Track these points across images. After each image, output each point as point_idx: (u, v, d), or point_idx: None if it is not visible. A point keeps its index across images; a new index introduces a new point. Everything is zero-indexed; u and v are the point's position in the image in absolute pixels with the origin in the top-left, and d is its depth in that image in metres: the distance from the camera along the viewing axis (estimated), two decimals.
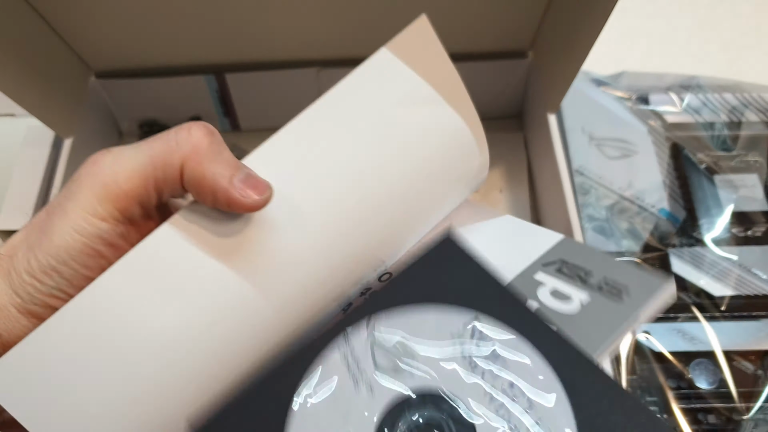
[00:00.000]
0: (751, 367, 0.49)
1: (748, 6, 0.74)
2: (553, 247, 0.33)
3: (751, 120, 0.61)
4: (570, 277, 0.31)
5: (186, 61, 0.57)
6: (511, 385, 0.27)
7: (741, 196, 0.57)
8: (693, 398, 0.48)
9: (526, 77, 0.59)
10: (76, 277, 0.27)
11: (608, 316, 0.30)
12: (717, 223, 0.56)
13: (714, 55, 0.70)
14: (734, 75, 0.67)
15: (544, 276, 0.32)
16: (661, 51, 0.70)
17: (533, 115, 0.59)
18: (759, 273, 0.53)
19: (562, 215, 0.49)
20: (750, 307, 0.52)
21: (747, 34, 0.72)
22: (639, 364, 0.49)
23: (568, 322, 0.30)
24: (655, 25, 0.73)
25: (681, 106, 0.62)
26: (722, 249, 0.54)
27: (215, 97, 0.59)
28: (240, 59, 0.57)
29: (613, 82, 0.64)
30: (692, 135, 0.61)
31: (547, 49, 0.54)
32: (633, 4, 0.74)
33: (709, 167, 0.59)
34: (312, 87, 0.59)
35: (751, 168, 0.59)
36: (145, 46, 0.56)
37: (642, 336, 0.50)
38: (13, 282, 0.27)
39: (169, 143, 0.28)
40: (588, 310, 0.30)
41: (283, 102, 0.61)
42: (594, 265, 0.32)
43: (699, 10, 0.74)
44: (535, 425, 0.26)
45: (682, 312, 0.51)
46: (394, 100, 0.32)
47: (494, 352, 0.27)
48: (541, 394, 0.26)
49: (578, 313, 0.30)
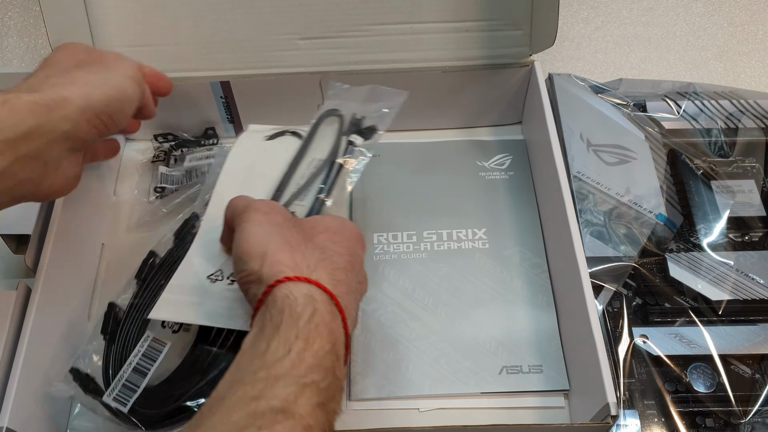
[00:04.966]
0: (748, 371, 0.50)
1: (743, 14, 0.75)
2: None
3: (748, 126, 0.62)
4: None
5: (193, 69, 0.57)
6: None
7: (738, 202, 0.58)
8: (691, 402, 0.49)
9: (527, 85, 0.60)
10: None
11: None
12: (714, 229, 0.56)
13: (710, 63, 0.71)
14: (730, 82, 0.68)
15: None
16: (658, 58, 0.71)
17: (533, 122, 0.60)
18: (756, 278, 0.53)
19: (560, 220, 0.50)
20: (747, 311, 0.52)
21: (743, 42, 0.72)
22: (637, 367, 0.50)
23: None
24: (652, 33, 0.73)
25: (678, 112, 0.63)
26: (719, 254, 0.55)
27: (221, 104, 0.60)
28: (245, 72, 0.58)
29: (611, 89, 0.64)
30: (689, 141, 0.61)
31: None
32: (630, 13, 0.75)
33: (706, 173, 0.59)
34: (315, 94, 0.60)
35: (748, 174, 0.60)
36: (154, 55, 0.57)
37: (640, 340, 0.51)
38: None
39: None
40: None
41: (287, 109, 0.61)
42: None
43: (695, 18, 0.74)
44: None
45: (680, 316, 0.52)
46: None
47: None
48: None
49: None
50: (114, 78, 0.43)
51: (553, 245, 0.54)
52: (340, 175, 0.48)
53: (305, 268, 0.36)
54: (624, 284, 0.53)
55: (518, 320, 0.52)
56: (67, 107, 0.39)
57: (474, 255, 0.56)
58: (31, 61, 0.72)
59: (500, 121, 0.64)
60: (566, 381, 0.49)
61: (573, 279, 0.47)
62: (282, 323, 0.33)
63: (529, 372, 0.50)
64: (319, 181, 0.47)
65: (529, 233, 0.57)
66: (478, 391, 0.49)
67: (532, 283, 0.54)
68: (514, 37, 0.57)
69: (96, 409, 0.44)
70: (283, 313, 0.34)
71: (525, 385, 0.49)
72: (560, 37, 0.54)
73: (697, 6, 0.75)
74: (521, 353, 0.50)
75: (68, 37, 0.54)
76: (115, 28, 0.55)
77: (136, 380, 0.44)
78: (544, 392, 0.49)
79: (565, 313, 0.51)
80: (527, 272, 0.55)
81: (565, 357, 0.50)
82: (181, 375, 0.45)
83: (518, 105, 0.62)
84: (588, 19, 0.75)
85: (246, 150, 0.52)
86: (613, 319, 0.52)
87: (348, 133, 0.49)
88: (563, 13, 0.53)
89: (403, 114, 0.60)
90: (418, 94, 0.60)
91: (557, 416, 0.49)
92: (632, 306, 0.53)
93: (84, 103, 0.39)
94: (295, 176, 0.48)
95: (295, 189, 0.47)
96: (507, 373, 0.50)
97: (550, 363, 0.50)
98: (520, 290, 0.54)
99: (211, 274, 0.44)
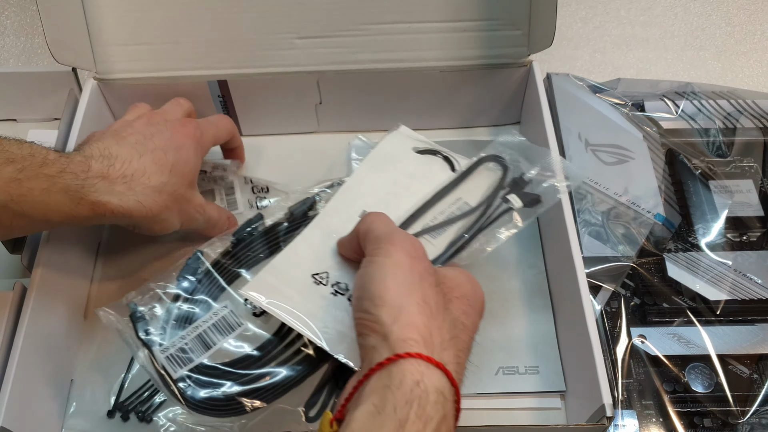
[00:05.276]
0: (746, 371, 0.49)
1: (741, 14, 0.75)
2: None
3: (746, 126, 0.62)
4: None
5: (190, 68, 0.57)
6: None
7: (736, 202, 0.58)
8: (689, 402, 0.49)
9: (525, 85, 0.60)
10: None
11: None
12: (712, 229, 0.56)
13: (708, 62, 0.71)
14: (728, 82, 0.68)
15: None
16: (657, 58, 0.71)
17: (531, 121, 0.60)
18: (754, 277, 0.53)
19: (558, 219, 0.49)
20: (745, 311, 0.52)
21: (741, 42, 0.72)
22: (635, 367, 0.50)
23: None
24: (651, 32, 0.73)
25: (676, 112, 0.63)
26: (717, 254, 0.55)
27: (218, 103, 0.60)
28: (243, 71, 0.58)
29: (609, 89, 0.64)
30: (687, 141, 0.61)
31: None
32: (628, 13, 0.75)
33: (704, 173, 0.59)
34: (312, 94, 0.60)
35: (746, 174, 0.60)
36: (151, 54, 0.57)
37: (638, 340, 0.51)
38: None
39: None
40: None
41: (284, 109, 0.61)
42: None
43: (693, 18, 0.74)
44: None
45: (678, 316, 0.52)
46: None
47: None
48: None
49: None
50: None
51: (550, 245, 0.54)
52: (483, 233, 0.44)
53: (437, 345, 0.32)
54: (622, 284, 0.53)
55: (515, 321, 0.52)
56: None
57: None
58: (27, 61, 0.72)
59: (498, 121, 0.64)
60: (563, 382, 0.49)
61: (570, 280, 0.47)
62: (407, 422, 0.29)
63: (526, 373, 0.50)
64: (459, 226, 0.44)
65: (526, 233, 0.56)
66: (475, 392, 0.49)
67: (529, 284, 0.54)
68: (512, 37, 0.57)
69: (140, 358, 0.41)
70: (410, 407, 0.29)
71: (521, 386, 0.49)
72: (558, 36, 0.54)
73: (695, 6, 0.75)
74: (518, 354, 0.50)
75: (65, 36, 0.54)
76: (112, 27, 0.55)
77: (197, 349, 0.41)
78: (540, 393, 0.49)
79: (561, 314, 0.51)
80: (524, 273, 0.55)
81: (562, 358, 0.50)
82: (245, 365, 0.41)
83: (516, 105, 0.62)
84: (586, 19, 0.74)
85: (392, 153, 0.48)
86: (611, 319, 0.52)
87: (507, 189, 0.46)
88: (561, 12, 0.53)
89: (401, 114, 0.60)
90: (415, 94, 0.60)
91: (553, 417, 0.49)
92: (630, 306, 0.53)
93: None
94: (435, 208, 0.45)
95: (431, 222, 0.44)
96: (503, 374, 0.50)
97: (546, 364, 0.50)
98: (517, 291, 0.54)
99: (316, 273, 0.41)
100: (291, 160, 0.62)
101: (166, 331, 0.41)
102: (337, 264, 0.42)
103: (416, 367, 0.31)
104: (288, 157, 0.62)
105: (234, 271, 0.44)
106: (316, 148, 0.62)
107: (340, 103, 0.61)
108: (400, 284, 0.34)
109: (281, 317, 0.40)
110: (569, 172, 0.46)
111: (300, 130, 0.63)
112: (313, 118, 0.62)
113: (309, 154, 0.62)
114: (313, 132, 0.63)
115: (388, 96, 0.60)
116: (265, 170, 0.60)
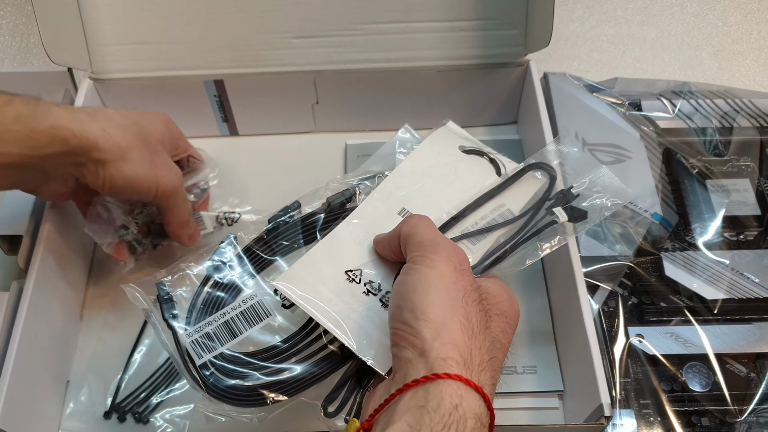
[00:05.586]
0: (743, 369, 0.50)
1: (738, 13, 0.75)
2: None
3: (743, 125, 0.62)
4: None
5: (186, 67, 0.57)
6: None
7: (733, 201, 0.58)
8: (686, 401, 0.49)
9: (522, 85, 0.60)
10: None
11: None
12: (709, 228, 0.56)
13: (705, 62, 0.71)
14: (725, 81, 0.68)
15: None
16: (653, 57, 0.71)
17: (528, 121, 0.60)
18: (751, 276, 0.53)
19: None
20: (742, 310, 0.52)
21: (737, 41, 0.72)
22: (633, 367, 0.50)
23: None
24: (647, 32, 0.73)
25: (673, 111, 0.63)
26: (714, 253, 0.55)
27: (215, 103, 0.60)
28: (239, 70, 0.57)
29: (606, 89, 0.64)
30: (684, 140, 0.61)
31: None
32: (625, 12, 0.75)
33: (701, 172, 0.59)
34: (309, 94, 0.59)
35: (743, 173, 0.60)
36: (147, 53, 0.57)
37: (635, 339, 0.51)
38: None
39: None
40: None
41: (281, 108, 0.61)
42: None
43: (690, 18, 0.74)
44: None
45: (675, 315, 0.52)
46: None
47: None
48: None
49: None
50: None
51: None
52: (524, 245, 0.42)
53: (476, 366, 0.31)
54: (620, 284, 0.53)
55: None
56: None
57: None
58: (23, 61, 0.71)
59: (495, 121, 0.64)
60: (560, 382, 0.49)
61: (568, 279, 0.47)
62: None
63: (524, 373, 0.50)
64: (499, 234, 0.42)
65: None
66: None
67: (527, 284, 0.54)
68: (509, 37, 0.57)
69: (163, 340, 0.40)
70: (448, 431, 0.29)
71: (519, 386, 0.49)
72: (555, 36, 0.54)
73: (692, 5, 0.75)
74: (516, 354, 0.50)
75: (61, 36, 0.54)
76: (108, 27, 0.55)
77: (223, 336, 0.39)
78: (538, 393, 0.49)
79: (559, 314, 0.51)
80: (522, 272, 0.54)
81: (560, 358, 0.50)
82: (269, 357, 0.40)
83: (513, 104, 0.62)
84: (583, 18, 0.75)
85: (439, 149, 0.47)
86: (609, 318, 0.52)
87: (553, 201, 0.44)
88: (558, 12, 0.53)
89: (398, 113, 0.60)
90: (412, 93, 0.60)
91: (551, 417, 0.49)
92: (628, 305, 0.53)
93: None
94: (477, 213, 0.43)
95: (471, 227, 0.42)
96: (501, 373, 0.49)
97: (544, 364, 0.50)
98: (514, 290, 0.53)
99: (350, 269, 0.40)
100: (287, 160, 0.61)
101: (192, 315, 0.40)
102: (371, 262, 0.40)
103: (455, 390, 0.30)
104: (284, 156, 0.62)
105: (266, 258, 0.43)
106: (312, 147, 0.62)
107: (337, 102, 0.61)
108: (444, 299, 0.32)
109: (312, 313, 0.38)
110: (619, 189, 0.44)
111: (296, 130, 0.63)
112: (309, 117, 0.62)
113: (305, 154, 0.62)
114: (309, 132, 0.63)
115: (385, 96, 0.60)
116: (261, 170, 0.60)
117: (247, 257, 0.43)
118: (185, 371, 0.39)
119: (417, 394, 0.30)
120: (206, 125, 0.62)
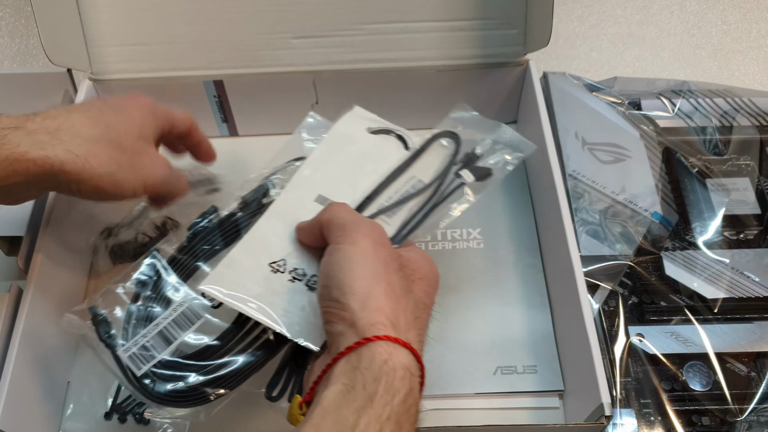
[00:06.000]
0: (744, 369, 0.50)
1: (737, 12, 0.75)
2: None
3: (743, 124, 0.62)
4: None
5: (186, 68, 0.57)
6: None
7: (733, 200, 0.58)
8: (687, 400, 0.49)
9: (521, 84, 0.60)
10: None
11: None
12: (709, 227, 0.56)
13: (705, 61, 0.71)
14: (725, 80, 0.68)
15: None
16: (653, 57, 0.71)
17: (528, 121, 0.60)
18: (751, 275, 0.53)
19: (555, 219, 0.49)
20: (742, 309, 0.52)
21: (737, 40, 0.72)
22: (633, 366, 0.50)
23: None
24: (647, 31, 0.73)
25: (673, 110, 0.63)
26: (714, 252, 0.55)
27: (214, 103, 0.60)
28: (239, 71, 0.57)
29: (606, 88, 0.64)
30: (684, 139, 0.61)
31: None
32: (624, 11, 0.75)
33: (701, 171, 0.59)
34: (308, 94, 0.59)
35: (743, 172, 0.60)
36: (147, 54, 0.57)
37: (636, 339, 0.51)
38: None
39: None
40: None
41: (281, 109, 0.61)
42: None
43: (689, 17, 0.74)
44: None
45: (676, 315, 0.52)
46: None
47: None
48: None
49: None
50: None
51: (547, 245, 0.54)
52: (436, 209, 0.44)
53: (403, 326, 0.34)
54: (620, 283, 0.53)
55: (513, 320, 0.52)
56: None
57: (469, 255, 0.55)
58: (22, 62, 0.71)
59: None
60: (561, 381, 0.49)
61: (568, 279, 0.47)
62: (376, 396, 0.30)
63: (524, 372, 0.50)
64: (413, 204, 0.44)
65: (523, 233, 0.57)
66: (473, 391, 0.49)
67: (527, 283, 0.54)
68: (508, 36, 0.57)
69: (104, 360, 0.41)
70: (378, 383, 0.31)
71: (520, 385, 0.49)
72: (555, 35, 0.54)
73: (691, 4, 0.75)
74: (516, 354, 0.50)
75: (60, 37, 0.54)
76: (108, 28, 0.55)
77: (159, 346, 0.41)
78: (538, 392, 0.49)
79: (559, 313, 0.51)
80: (522, 272, 0.55)
81: (560, 357, 0.50)
82: (206, 356, 0.41)
83: (513, 104, 0.62)
84: (582, 18, 0.75)
85: (348, 134, 0.48)
86: (609, 317, 0.52)
87: (459, 164, 0.46)
88: (557, 11, 0.53)
89: (397, 113, 0.60)
90: (412, 93, 0.60)
91: (552, 417, 0.49)
92: (628, 305, 0.53)
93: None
94: (390, 188, 0.45)
95: (386, 203, 0.44)
96: (501, 373, 0.50)
97: (544, 363, 0.50)
98: (514, 290, 0.54)
99: (273, 261, 0.41)
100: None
101: (128, 331, 0.42)
102: (294, 251, 0.42)
103: (384, 348, 0.32)
104: None
105: (192, 265, 0.44)
106: None
107: (337, 103, 0.60)
108: (367, 271, 0.35)
109: (240, 309, 0.40)
110: (520, 144, 0.46)
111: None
112: None
113: None
114: None
115: (384, 95, 0.60)
116: (260, 170, 0.60)
117: (172, 267, 0.44)
118: (127, 383, 0.41)
119: (350, 359, 0.32)
120: (206, 126, 0.62)
